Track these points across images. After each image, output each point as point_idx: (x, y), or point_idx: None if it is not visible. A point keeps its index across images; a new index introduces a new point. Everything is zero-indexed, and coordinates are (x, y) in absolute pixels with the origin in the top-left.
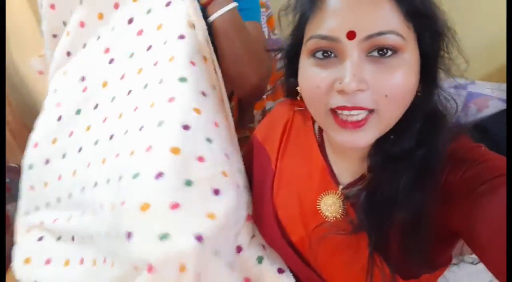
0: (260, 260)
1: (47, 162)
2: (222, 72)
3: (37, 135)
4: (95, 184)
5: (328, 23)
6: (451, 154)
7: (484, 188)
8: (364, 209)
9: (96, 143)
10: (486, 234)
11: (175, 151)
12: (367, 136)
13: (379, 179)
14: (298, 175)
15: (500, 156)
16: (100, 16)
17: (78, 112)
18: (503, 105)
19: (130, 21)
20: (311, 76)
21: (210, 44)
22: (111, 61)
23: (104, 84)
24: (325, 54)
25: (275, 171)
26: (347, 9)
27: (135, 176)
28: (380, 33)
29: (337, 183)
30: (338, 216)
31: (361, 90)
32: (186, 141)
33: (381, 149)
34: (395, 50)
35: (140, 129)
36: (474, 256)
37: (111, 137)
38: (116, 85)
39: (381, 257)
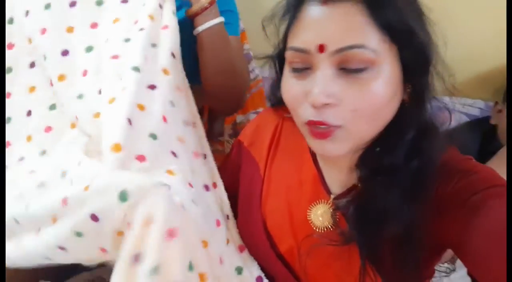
0: (239, 271)
1: None
2: (204, 83)
3: None
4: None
5: (302, 36)
6: (442, 165)
7: (476, 198)
8: (355, 220)
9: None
10: (480, 248)
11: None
12: (336, 148)
13: (369, 191)
14: (288, 183)
15: (490, 168)
16: None
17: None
18: (464, 119)
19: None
20: (289, 88)
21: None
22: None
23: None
24: (301, 66)
25: (263, 178)
26: (320, 22)
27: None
28: (350, 47)
29: (329, 193)
30: (329, 226)
31: (329, 106)
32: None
33: (368, 161)
34: (366, 65)
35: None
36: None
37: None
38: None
39: (373, 268)
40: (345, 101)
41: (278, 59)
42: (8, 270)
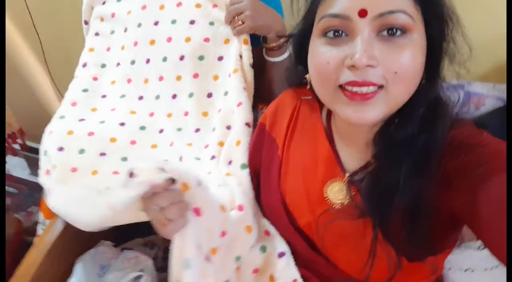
0: (264, 249)
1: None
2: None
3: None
4: None
5: (340, 3)
6: (453, 139)
7: (483, 169)
8: (368, 193)
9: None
10: (486, 213)
11: None
12: (374, 111)
13: (382, 165)
14: (305, 162)
15: (500, 140)
16: None
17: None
18: (499, 103)
19: (156, 23)
20: (322, 54)
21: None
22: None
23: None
24: (336, 33)
25: (281, 158)
26: None
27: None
28: (390, 12)
29: (344, 170)
30: (345, 202)
31: (371, 66)
32: None
33: (385, 134)
34: (404, 30)
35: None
36: (478, 242)
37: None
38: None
39: (386, 240)
40: (386, 64)
41: (303, 35)
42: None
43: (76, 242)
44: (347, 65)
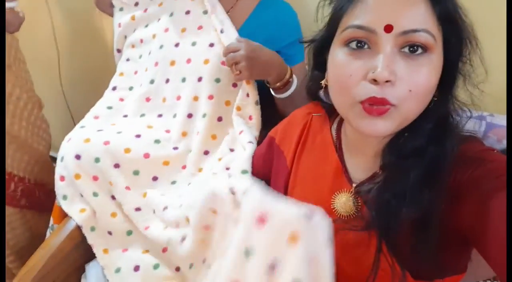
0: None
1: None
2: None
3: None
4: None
5: (367, 15)
6: (462, 154)
7: (491, 185)
8: (374, 204)
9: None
10: (491, 230)
11: None
12: (385, 125)
13: (390, 175)
14: (314, 174)
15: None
16: (160, 4)
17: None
18: None
19: (188, 12)
20: (344, 65)
21: None
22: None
23: (172, 63)
24: (359, 44)
25: (290, 170)
26: (386, 4)
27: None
28: (415, 31)
29: (351, 181)
30: (352, 213)
31: (390, 82)
32: None
33: (394, 146)
34: (425, 49)
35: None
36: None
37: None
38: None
39: (391, 254)
40: (403, 81)
41: (324, 41)
42: None
43: (82, 247)
44: (369, 78)
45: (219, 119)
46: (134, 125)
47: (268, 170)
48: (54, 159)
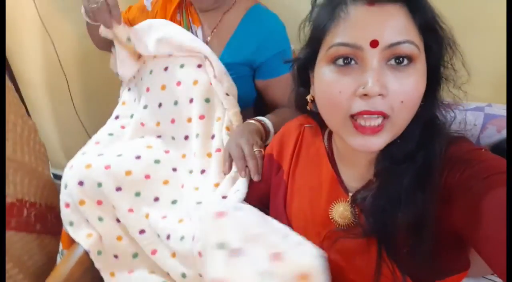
0: None
1: None
2: None
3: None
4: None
5: (351, 32)
6: (452, 155)
7: (481, 185)
8: (370, 211)
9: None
10: (485, 228)
11: None
12: (380, 141)
13: (384, 181)
14: (310, 186)
15: (499, 157)
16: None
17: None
18: None
19: (166, 69)
20: (333, 82)
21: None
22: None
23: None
24: (345, 61)
25: (287, 183)
26: (369, 20)
27: None
28: (399, 43)
29: (347, 191)
30: (350, 222)
31: (381, 96)
32: None
33: (387, 154)
34: (410, 60)
35: None
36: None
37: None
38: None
39: (391, 260)
40: (394, 93)
41: (307, 60)
42: None
43: (92, 271)
44: (359, 94)
45: (212, 137)
46: (134, 146)
47: (268, 186)
48: None
